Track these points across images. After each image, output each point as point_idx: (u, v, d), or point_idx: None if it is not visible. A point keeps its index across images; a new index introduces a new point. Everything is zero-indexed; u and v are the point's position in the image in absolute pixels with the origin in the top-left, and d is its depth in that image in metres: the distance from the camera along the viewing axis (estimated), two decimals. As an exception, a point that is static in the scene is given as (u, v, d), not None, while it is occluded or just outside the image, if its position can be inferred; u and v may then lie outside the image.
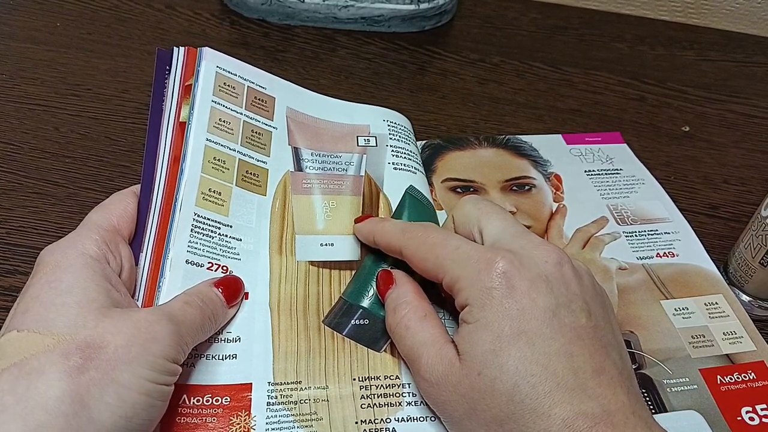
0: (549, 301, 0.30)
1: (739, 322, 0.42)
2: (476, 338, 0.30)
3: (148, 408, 0.29)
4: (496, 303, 0.30)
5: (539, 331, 0.29)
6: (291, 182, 0.43)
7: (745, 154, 0.60)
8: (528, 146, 0.55)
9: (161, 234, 0.37)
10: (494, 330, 0.30)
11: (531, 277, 0.31)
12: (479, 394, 0.29)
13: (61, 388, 0.26)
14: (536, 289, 0.30)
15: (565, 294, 0.31)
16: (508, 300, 0.30)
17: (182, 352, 0.31)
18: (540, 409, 0.28)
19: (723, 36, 0.76)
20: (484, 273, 0.31)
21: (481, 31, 0.72)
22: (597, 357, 0.30)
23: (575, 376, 0.29)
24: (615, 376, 0.29)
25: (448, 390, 0.31)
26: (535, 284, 0.30)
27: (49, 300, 0.29)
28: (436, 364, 0.31)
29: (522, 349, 0.29)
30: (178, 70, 0.41)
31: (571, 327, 0.30)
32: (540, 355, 0.29)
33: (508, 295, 0.30)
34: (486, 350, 0.30)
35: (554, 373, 0.29)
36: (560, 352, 0.29)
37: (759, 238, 0.43)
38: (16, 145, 0.51)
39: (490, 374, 0.29)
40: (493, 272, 0.31)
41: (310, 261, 0.40)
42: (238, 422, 0.33)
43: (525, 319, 0.30)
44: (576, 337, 0.30)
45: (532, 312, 0.30)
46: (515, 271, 0.31)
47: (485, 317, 0.30)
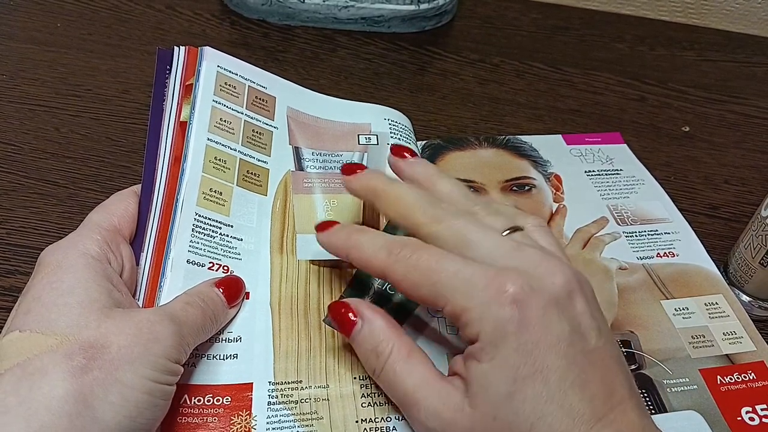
0: (562, 329, 0.28)
1: (739, 323, 0.42)
2: (491, 380, 0.28)
3: (151, 407, 0.29)
4: (510, 339, 0.28)
5: (554, 365, 0.28)
6: (292, 182, 0.43)
7: (746, 154, 0.60)
8: (528, 146, 0.56)
9: (162, 234, 0.37)
10: (510, 370, 0.28)
11: (543, 304, 0.28)
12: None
13: (64, 388, 0.26)
14: (549, 317, 0.28)
15: (574, 316, 0.29)
16: (523, 333, 0.28)
17: (184, 353, 0.31)
18: None
19: (723, 36, 0.76)
20: (495, 304, 0.28)
21: (481, 31, 0.73)
22: (608, 378, 0.29)
23: (591, 406, 0.28)
24: (625, 395, 0.29)
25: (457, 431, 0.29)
26: (547, 312, 0.28)
27: (50, 300, 0.29)
28: (440, 410, 0.29)
29: (537, 389, 0.28)
30: (178, 70, 0.41)
31: (583, 353, 0.29)
32: (556, 391, 0.28)
33: (522, 327, 0.28)
34: (501, 393, 0.28)
35: (570, 408, 0.28)
36: (575, 383, 0.28)
37: (759, 238, 0.43)
38: (17, 146, 0.51)
39: (507, 418, 0.28)
40: (504, 301, 0.28)
41: (311, 260, 0.40)
42: (239, 422, 0.33)
43: (540, 355, 0.28)
44: (589, 363, 0.29)
45: (546, 344, 0.28)
46: (527, 298, 0.28)
47: (500, 355, 0.28)
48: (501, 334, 0.28)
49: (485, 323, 0.28)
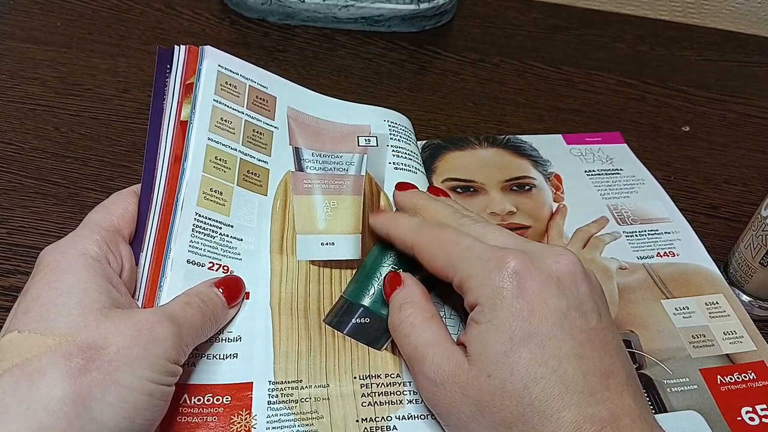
0: (560, 303, 0.30)
1: (739, 322, 0.42)
2: (487, 339, 0.30)
3: (150, 408, 0.29)
4: (507, 303, 0.30)
5: (550, 332, 0.29)
6: (292, 182, 0.43)
7: (746, 154, 0.60)
8: (528, 146, 0.56)
9: (162, 234, 0.37)
10: (506, 331, 0.29)
11: (542, 278, 0.30)
12: (489, 396, 0.29)
13: (63, 389, 0.26)
14: (547, 291, 0.30)
15: (575, 296, 0.31)
16: (519, 300, 0.30)
17: (183, 353, 0.31)
18: (549, 411, 0.28)
19: (723, 36, 0.76)
20: (495, 272, 0.31)
21: (481, 31, 0.73)
22: (606, 360, 0.30)
23: (585, 379, 0.29)
24: (623, 380, 0.30)
25: (454, 391, 0.30)
26: (546, 285, 0.30)
27: (49, 300, 0.29)
28: (443, 363, 0.31)
29: (533, 351, 0.29)
30: (179, 69, 0.41)
31: (581, 329, 0.30)
32: (550, 357, 0.29)
33: (519, 295, 0.30)
34: (497, 351, 0.29)
35: (564, 376, 0.28)
36: (570, 354, 0.29)
37: (759, 238, 0.43)
38: (17, 145, 0.51)
39: (501, 376, 0.29)
40: (504, 272, 0.31)
41: (310, 260, 0.40)
42: (238, 421, 0.33)
43: (536, 321, 0.29)
44: (586, 340, 0.30)
45: (542, 313, 0.30)
46: (526, 271, 0.30)
47: (496, 318, 0.30)
48: (498, 298, 0.30)
49: (484, 288, 0.31)
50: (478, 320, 0.31)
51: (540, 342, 0.29)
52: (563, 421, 0.28)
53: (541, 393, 0.28)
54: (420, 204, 0.39)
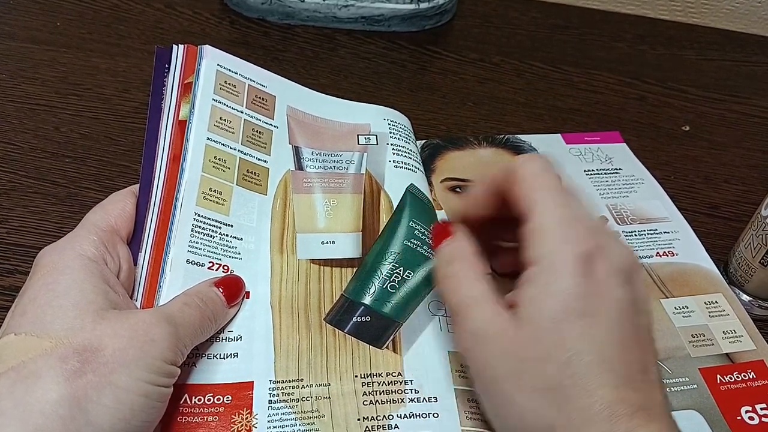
0: (622, 294, 0.30)
1: (738, 321, 0.42)
2: (544, 304, 0.30)
3: (146, 409, 0.29)
4: (574, 277, 0.30)
5: (605, 317, 0.29)
6: (292, 181, 0.43)
7: (746, 153, 0.60)
8: (527, 146, 0.56)
9: (161, 234, 0.37)
10: (564, 301, 0.29)
11: (610, 269, 0.30)
12: (532, 360, 0.29)
13: (58, 391, 0.26)
14: (613, 280, 0.30)
15: (634, 291, 0.31)
16: (585, 279, 0.30)
17: (180, 354, 0.31)
18: (587, 386, 0.28)
19: (723, 36, 0.76)
20: (572, 244, 0.30)
21: (481, 30, 0.73)
22: (646, 357, 0.30)
23: (627, 368, 0.29)
24: (656, 377, 0.30)
25: (497, 347, 0.30)
26: (612, 276, 0.30)
27: (46, 302, 0.29)
28: (492, 319, 0.31)
29: (585, 328, 0.29)
30: (177, 68, 0.41)
31: (632, 323, 0.30)
32: (600, 340, 0.29)
33: (586, 274, 0.30)
34: (552, 318, 0.29)
35: (609, 359, 0.29)
36: (619, 343, 0.29)
37: (759, 237, 0.43)
38: (17, 145, 0.51)
39: (550, 342, 0.29)
40: (579, 248, 0.30)
41: (311, 259, 0.40)
42: (239, 420, 0.33)
43: (595, 303, 0.30)
44: (635, 334, 0.30)
45: (603, 299, 0.30)
46: (599, 258, 0.30)
47: (555, 285, 0.30)
48: (565, 268, 0.30)
49: (557, 252, 0.30)
50: (534, 281, 0.30)
51: (593, 323, 0.29)
52: (598, 399, 0.28)
53: (584, 368, 0.28)
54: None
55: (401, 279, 0.39)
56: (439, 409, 0.35)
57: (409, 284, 0.39)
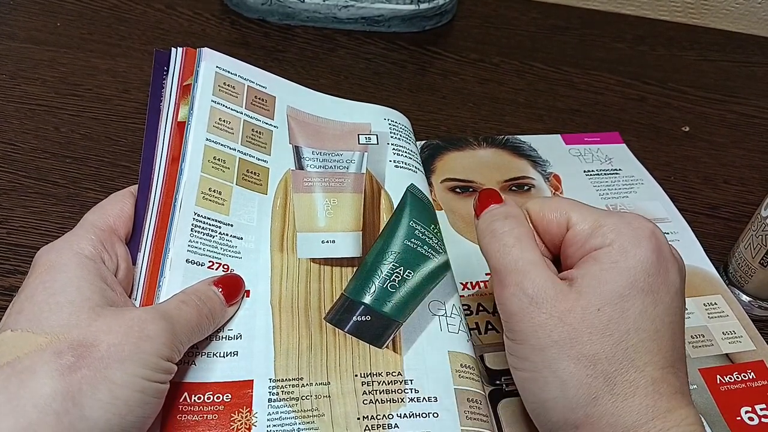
0: (677, 281, 0.31)
1: (738, 322, 0.43)
2: (608, 278, 0.30)
3: (142, 405, 0.29)
4: (642, 253, 0.31)
5: (665, 299, 0.30)
6: (292, 180, 0.43)
7: (745, 154, 0.60)
8: (527, 146, 0.56)
9: (160, 234, 0.37)
10: (629, 277, 0.30)
11: (668, 255, 0.32)
12: (589, 328, 0.29)
13: (52, 386, 0.26)
14: (671, 266, 0.31)
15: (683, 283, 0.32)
16: (655, 256, 0.31)
17: (177, 351, 0.31)
18: (637, 362, 0.29)
19: (723, 36, 0.76)
20: (636, 224, 0.32)
21: (481, 31, 0.73)
22: (680, 342, 0.31)
23: (672, 352, 0.30)
24: (686, 371, 0.31)
25: (549, 313, 0.30)
26: (671, 262, 0.32)
27: (42, 299, 0.29)
28: (547, 284, 0.31)
29: (646, 305, 0.30)
30: (175, 71, 0.41)
31: (680, 311, 0.31)
32: (658, 318, 0.30)
33: (656, 252, 0.31)
34: (615, 291, 0.30)
35: (662, 340, 0.30)
36: (671, 326, 0.30)
37: (759, 238, 0.43)
38: (17, 145, 0.51)
39: (610, 314, 0.29)
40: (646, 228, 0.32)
41: (311, 258, 0.40)
42: (239, 419, 0.33)
43: (657, 283, 0.30)
44: (680, 321, 0.31)
45: (664, 281, 0.31)
46: (662, 241, 0.32)
47: (625, 261, 0.30)
48: (637, 245, 0.31)
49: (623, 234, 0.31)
50: (601, 260, 0.31)
51: (655, 301, 0.30)
52: (646, 375, 0.29)
53: (639, 344, 0.29)
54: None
55: (401, 278, 0.39)
56: (439, 408, 0.35)
57: (409, 284, 0.39)
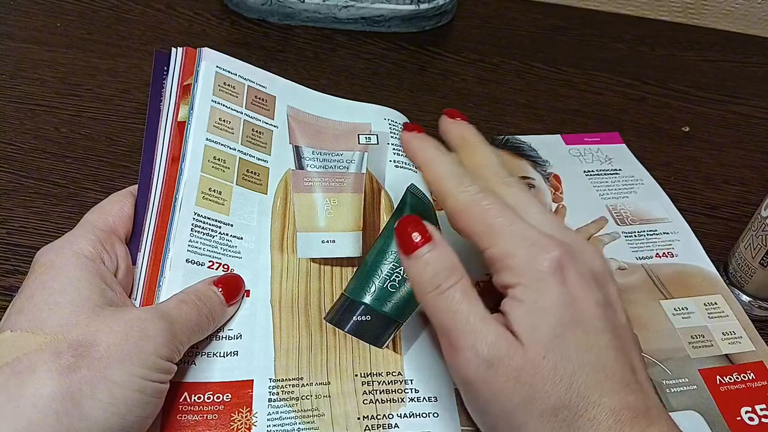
0: (598, 297, 0.30)
1: (738, 322, 0.43)
2: (538, 321, 0.29)
3: (141, 405, 0.29)
4: (552, 289, 0.29)
5: (591, 323, 0.29)
6: (292, 180, 0.43)
7: (745, 154, 0.60)
8: (527, 146, 0.56)
9: (159, 234, 0.37)
10: (554, 315, 0.29)
11: (582, 271, 0.30)
12: (541, 381, 0.28)
13: (52, 386, 0.27)
14: (587, 284, 0.30)
15: (608, 293, 0.31)
16: (563, 288, 0.29)
17: (176, 350, 0.31)
18: (592, 397, 0.28)
19: (723, 36, 0.76)
20: (540, 256, 0.30)
21: (481, 31, 0.73)
22: (633, 356, 0.30)
23: (621, 371, 0.29)
24: (645, 376, 0.30)
25: (507, 375, 0.28)
26: (585, 278, 0.30)
27: (42, 300, 0.29)
28: (499, 341, 0.29)
29: (579, 338, 0.29)
30: (176, 71, 0.41)
31: (614, 324, 0.30)
32: (593, 345, 0.29)
33: (562, 283, 0.29)
34: (550, 333, 0.29)
35: (605, 365, 0.29)
36: (609, 346, 0.29)
37: (759, 238, 0.43)
38: (17, 146, 0.51)
39: (554, 358, 0.28)
40: (547, 257, 0.30)
41: (311, 258, 0.40)
42: (239, 419, 0.33)
43: (579, 309, 0.29)
44: (618, 335, 0.30)
45: (584, 304, 0.29)
46: (568, 262, 0.30)
47: (543, 299, 0.29)
48: (543, 282, 0.29)
49: (528, 271, 0.30)
50: (521, 299, 0.29)
51: (584, 329, 0.29)
52: (603, 408, 0.28)
53: (587, 379, 0.28)
54: (469, 141, 0.36)
55: (402, 278, 0.39)
56: (439, 408, 0.35)
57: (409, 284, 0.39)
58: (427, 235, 0.31)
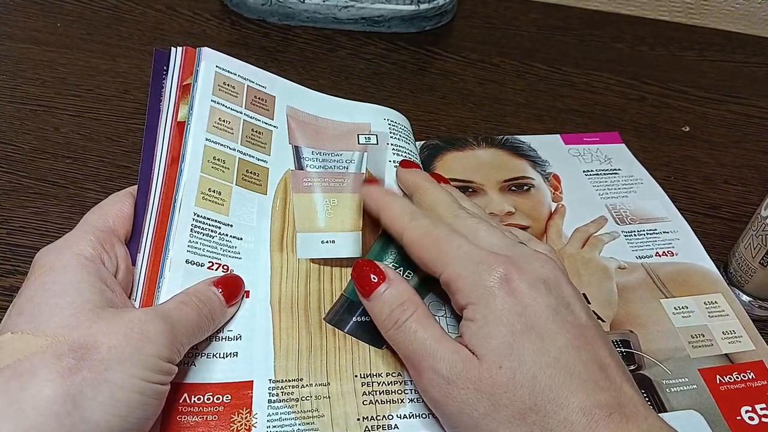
0: (550, 301, 0.31)
1: (738, 322, 0.42)
2: (489, 333, 0.30)
3: (142, 407, 0.29)
4: (500, 301, 0.31)
5: (545, 326, 0.30)
6: (292, 181, 0.43)
7: (745, 154, 0.60)
8: (526, 146, 0.56)
9: (159, 234, 0.37)
10: (505, 325, 0.30)
11: (530, 279, 0.32)
12: (501, 389, 0.29)
13: (53, 388, 0.26)
14: (536, 290, 0.31)
15: (562, 295, 0.32)
16: (511, 298, 0.31)
17: (177, 352, 0.31)
18: (559, 398, 0.28)
19: (723, 36, 0.76)
20: (485, 273, 0.32)
21: (482, 31, 0.73)
22: (600, 352, 0.31)
23: (585, 369, 0.29)
24: (619, 372, 0.30)
25: (467, 388, 0.30)
26: (534, 286, 0.31)
27: (42, 301, 0.29)
28: (455, 360, 0.30)
29: (534, 342, 0.30)
30: (175, 71, 0.41)
31: (572, 324, 0.31)
32: (551, 347, 0.30)
33: (510, 294, 0.31)
34: (502, 343, 0.30)
35: (566, 364, 0.29)
36: (568, 345, 0.30)
37: (759, 238, 0.43)
38: (17, 146, 0.51)
39: (511, 366, 0.29)
40: (493, 273, 0.31)
41: (311, 258, 0.40)
42: (239, 420, 0.33)
43: (530, 316, 0.30)
44: (579, 334, 0.31)
45: (535, 309, 0.31)
46: (515, 274, 0.31)
47: (492, 313, 0.31)
48: (491, 296, 0.31)
49: (475, 288, 0.31)
50: (473, 318, 0.31)
51: (539, 334, 0.30)
52: (573, 408, 0.28)
53: (549, 380, 0.29)
54: (422, 185, 0.40)
55: (401, 279, 0.39)
56: (439, 409, 0.35)
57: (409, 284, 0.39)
58: (382, 275, 0.34)
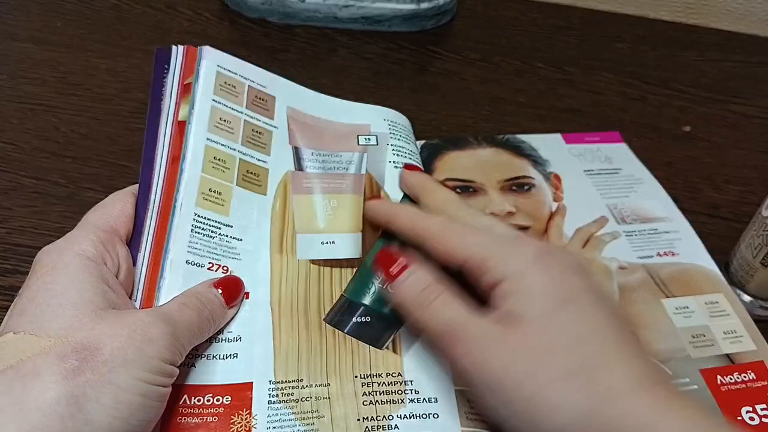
0: (582, 282, 0.31)
1: (739, 321, 0.42)
2: (533, 299, 0.30)
3: (144, 409, 0.29)
4: (539, 274, 0.31)
5: (585, 300, 0.31)
6: (292, 182, 0.43)
7: (746, 154, 0.60)
8: (527, 146, 0.56)
9: (160, 235, 0.37)
10: (549, 293, 0.30)
11: (562, 263, 0.32)
12: (545, 350, 0.29)
13: (56, 390, 0.26)
14: (568, 272, 0.31)
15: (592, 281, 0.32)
16: (550, 273, 0.31)
17: (179, 354, 0.31)
18: (607, 363, 0.29)
19: (723, 36, 0.76)
20: (519, 251, 0.32)
21: (482, 31, 0.73)
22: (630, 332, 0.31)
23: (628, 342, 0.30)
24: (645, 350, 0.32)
25: (508, 351, 0.30)
26: (568, 269, 0.32)
27: (44, 301, 0.29)
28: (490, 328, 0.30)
29: (576, 312, 0.30)
30: (176, 69, 0.41)
31: (605, 305, 0.31)
32: (593, 320, 0.30)
33: (546, 270, 0.31)
34: (547, 308, 0.30)
35: (607, 336, 0.30)
36: (608, 321, 0.30)
37: (760, 238, 0.43)
38: (17, 145, 0.51)
39: (557, 327, 0.30)
40: (527, 250, 0.32)
41: (311, 260, 0.40)
42: (239, 421, 0.33)
43: (570, 290, 0.31)
44: (613, 314, 0.31)
45: (572, 287, 0.31)
46: (548, 256, 0.32)
47: (534, 283, 0.31)
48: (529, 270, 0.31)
49: (509, 264, 0.31)
50: (510, 295, 0.31)
51: (579, 307, 0.30)
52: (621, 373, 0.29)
53: (595, 347, 0.29)
54: (428, 186, 0.39)
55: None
56: (439, 409, 0.35)
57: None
58: (407, 260, 0.34)
